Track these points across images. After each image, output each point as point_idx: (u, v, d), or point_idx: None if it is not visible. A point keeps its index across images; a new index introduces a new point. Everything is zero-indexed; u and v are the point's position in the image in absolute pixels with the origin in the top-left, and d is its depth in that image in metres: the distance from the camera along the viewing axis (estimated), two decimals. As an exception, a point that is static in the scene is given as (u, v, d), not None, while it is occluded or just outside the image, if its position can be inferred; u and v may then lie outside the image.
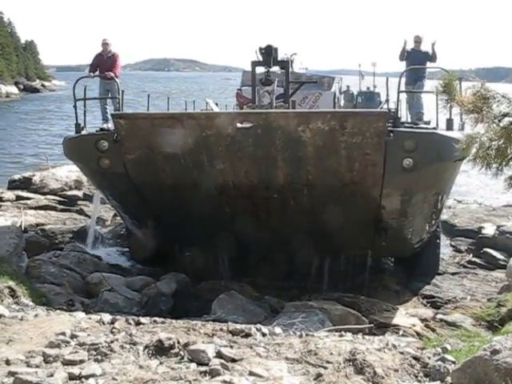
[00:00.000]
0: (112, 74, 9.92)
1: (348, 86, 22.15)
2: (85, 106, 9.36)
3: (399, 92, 8.57)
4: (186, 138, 7.71)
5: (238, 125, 7.50)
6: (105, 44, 10.41)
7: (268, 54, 9.62)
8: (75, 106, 9.17)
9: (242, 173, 7.92)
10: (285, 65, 10.27)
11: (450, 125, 8.01)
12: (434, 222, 9.26)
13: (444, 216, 11.93)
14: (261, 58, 9.81)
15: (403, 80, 9.11)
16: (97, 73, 10.23)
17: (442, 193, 8.80)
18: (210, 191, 8.16)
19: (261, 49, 9.65)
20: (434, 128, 8.26)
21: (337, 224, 7.86)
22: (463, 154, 4.23)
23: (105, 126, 9.38)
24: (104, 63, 10.25)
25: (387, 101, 9.19)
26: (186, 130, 7.68)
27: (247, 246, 8.60)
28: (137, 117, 8.50)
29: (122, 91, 9.58)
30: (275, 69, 10.57)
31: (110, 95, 10.17)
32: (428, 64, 10.34)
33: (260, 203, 8.26)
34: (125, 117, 8.27)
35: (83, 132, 9.03)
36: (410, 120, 9.91)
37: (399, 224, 8.35)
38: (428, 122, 9.18)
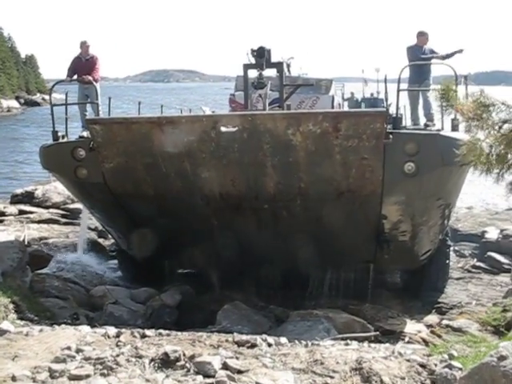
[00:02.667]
0: (90, 78, 9.37)
1: (352, 93, 22.03)
2: (66, 114, 8.74)
3: (399, 90, 7.60)
4: (166, 145, 7.21)
5: (222, 129, 6.97)
6: (84, 45, 9.84)
7: (260, 56, 8.97)
8: (52, 113, 8.51)
9: (229, 181, 7.39)
10: (279, 67, 9.54)
11: (455, 125, 7.17)
12: (441, 231, 8.53)
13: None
14: (253, 61, 9.15)
15: (407, 80, 8.55)
16: (75, 77, 9.64)
17: (449, 200, 8.03)
18: (196, 202, 7.65)
19: (253, 51, 9.00)
20: (439, 130, 7.49)
21: (334, 236, 7.46)
22: (464, 160, 4.15)
23: (84, 133, 8.58)
24: (82, 66, 9.68)
25: (386, 100, 8.56)
26: (165, 135, 7.15)
27: (238, 260, 7.94)
28: (112, 122, 7.83)
29: (109, 98, 9.25)
30: (271, 73, 9.97)
31: (89, 100, 9.53)
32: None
33: (250, 214, 7.70)
34: (100, 122, 7.72)
35: (63, 140, 8.43)
36: (410, 124, 9.14)
37: (402, 235, 7.74)
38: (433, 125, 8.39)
